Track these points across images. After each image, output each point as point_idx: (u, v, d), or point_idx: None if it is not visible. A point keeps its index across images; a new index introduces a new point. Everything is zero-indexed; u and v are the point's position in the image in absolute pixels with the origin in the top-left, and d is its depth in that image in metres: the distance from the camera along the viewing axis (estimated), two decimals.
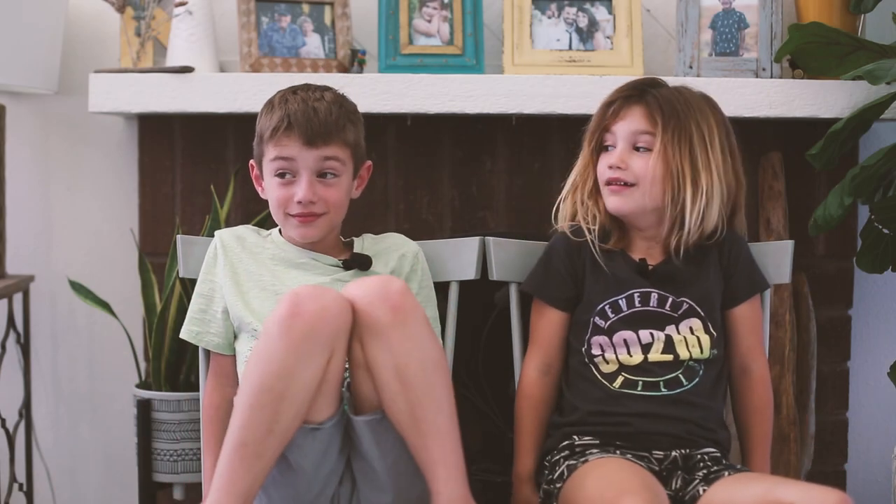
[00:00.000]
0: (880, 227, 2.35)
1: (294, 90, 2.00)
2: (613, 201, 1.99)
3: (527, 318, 2.11)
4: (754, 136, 2.55)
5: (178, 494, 2.40)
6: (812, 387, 2.57)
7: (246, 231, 2.08)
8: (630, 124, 1.98)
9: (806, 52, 2.39)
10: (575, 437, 1.97)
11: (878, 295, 2.73)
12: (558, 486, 1.91)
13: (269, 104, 2.01)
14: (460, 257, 2.14)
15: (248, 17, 2.45)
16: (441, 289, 2.13)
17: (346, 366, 1.83)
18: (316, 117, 1.95)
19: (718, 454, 1.95)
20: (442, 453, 1.78)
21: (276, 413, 1.74)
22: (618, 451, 1.92)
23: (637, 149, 1.98)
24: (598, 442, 1.94)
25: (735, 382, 2.06)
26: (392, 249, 2.07)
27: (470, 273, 2.14)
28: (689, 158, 1.96)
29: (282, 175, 1.97)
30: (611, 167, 1.98)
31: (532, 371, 2.05)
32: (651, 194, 1.97)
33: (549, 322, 2.05)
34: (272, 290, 1.99)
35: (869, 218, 2.38)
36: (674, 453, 1.93)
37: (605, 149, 2.02)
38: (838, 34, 2.36)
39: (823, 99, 2.43)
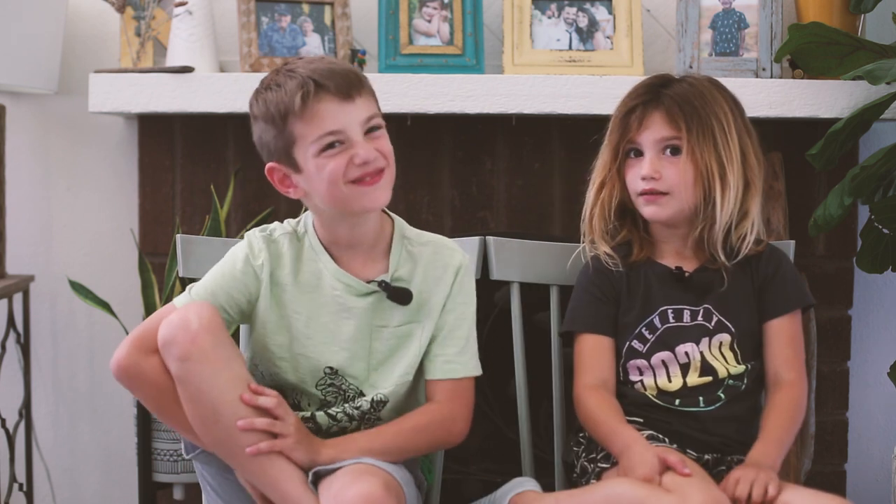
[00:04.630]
0: (880, 227, 2.35)
1: (285, 64, 1.84)
2: (650, 210, 1.96)
3: (527, 319, 2.11)
4: None
5: (178, 494, 2.40)
6: (812, 387, 2.57)
7: (287, 247, 1.88)
8: (654, 133, 1.95)
9: (806, 52, 2.39)
10: None
11: (878, 295, 2.73)
12: (603, 466, 1.89)
13: (269, 87, 1.82)
14: None
15: (248, 17, 2.45)
16: None
17: None
18: (338, 69, 1.80)
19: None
20: None
21: None
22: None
23: (665, 151, 1.95)
24: (641, 422, 1.92)
25: (767, 391, 2.00)
26: (437, 261, 1.92)
27: None
28: (715, 154, 1.94)
29: (329, 146, 1.79)
30: (644, 178, 1.95)
31: (584, 387, 1.96)
32: (685, 198, 1.95)
33: (599, 345, 1.98)
34: (330, 333, 1.87)
35: (869, 218, 2.38)
36: (706, 457, 1.91)
37: (629, 154, 1.99)
38: (838, 34, 2.36)
39: (823, 99, 2.43)
